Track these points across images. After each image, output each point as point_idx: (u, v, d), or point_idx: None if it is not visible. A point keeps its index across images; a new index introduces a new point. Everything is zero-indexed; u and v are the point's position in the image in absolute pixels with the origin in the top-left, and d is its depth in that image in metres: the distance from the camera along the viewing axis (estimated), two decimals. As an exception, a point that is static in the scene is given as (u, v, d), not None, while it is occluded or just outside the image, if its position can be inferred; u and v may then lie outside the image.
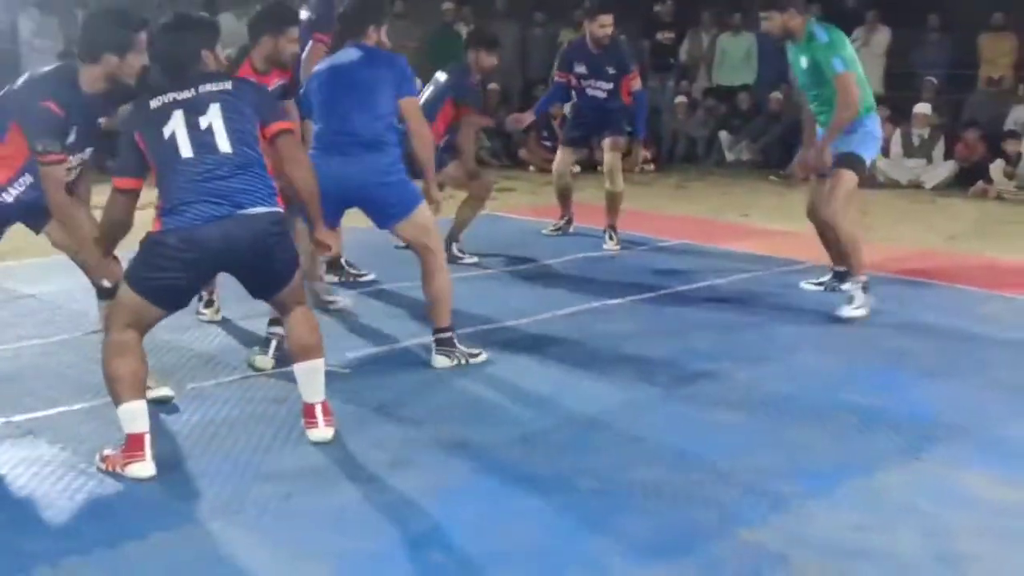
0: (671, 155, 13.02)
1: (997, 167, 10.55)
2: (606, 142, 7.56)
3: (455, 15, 13.33)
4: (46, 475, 3.58)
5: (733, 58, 13.43)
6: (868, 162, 5.75)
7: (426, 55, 13.06)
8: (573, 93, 7.73)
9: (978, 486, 3.56)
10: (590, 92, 7.53)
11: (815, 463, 3.74)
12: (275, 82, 5.23)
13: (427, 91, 6.62)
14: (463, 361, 4.76)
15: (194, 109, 3.59)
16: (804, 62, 5.62)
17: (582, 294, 6.13)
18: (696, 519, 3.29)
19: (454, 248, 6.83)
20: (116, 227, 3.79)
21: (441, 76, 6.69)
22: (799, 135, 11.84)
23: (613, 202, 7.58)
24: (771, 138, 12.40)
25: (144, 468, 3.53)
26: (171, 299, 3.64)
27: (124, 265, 3.90)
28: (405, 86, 4.78)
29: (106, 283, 4.16)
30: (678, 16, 13.96)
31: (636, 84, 7.51)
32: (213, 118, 3.59)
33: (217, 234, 3.52)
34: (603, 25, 7.34)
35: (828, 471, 3.66)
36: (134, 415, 3.55)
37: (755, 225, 8.65)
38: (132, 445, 3.54)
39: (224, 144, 3.58)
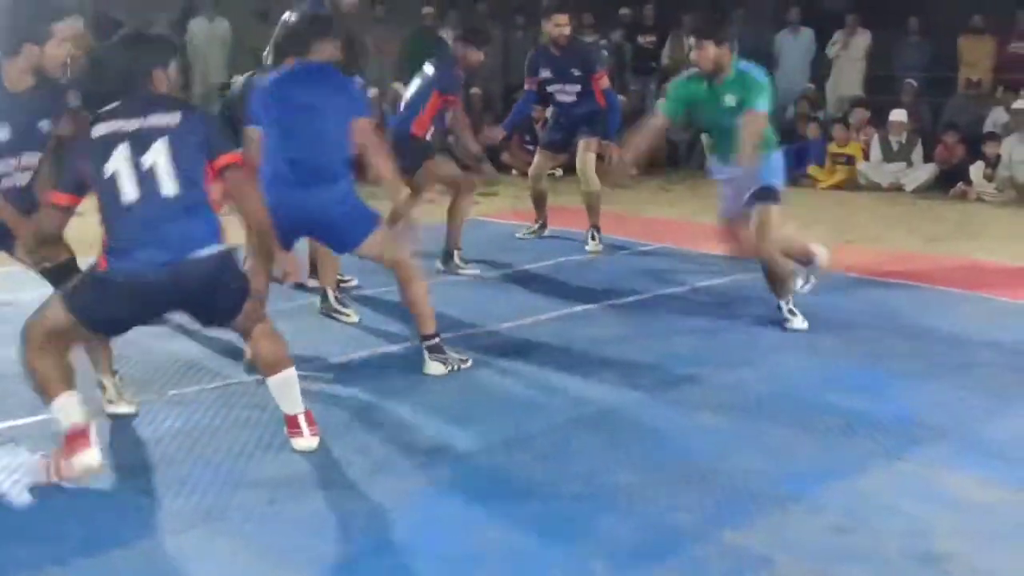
0: (652, 158, 13.01)
1: (977, 169, 10.61)
2: (580, 143, 7.51)
3: (435, 19, 13.31)
4: (27, 482, 3.54)
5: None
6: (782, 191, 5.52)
7: (405, 58, 13.06)
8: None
9: (960, 487, 3.58)
10: (559, 97, 7.49)
11: (798, 465, 3.75)
12: None
13: (414, 84, 6.65)
14: (455, 367, 4.74)
15: (139, 144, 3.48)
16: (731, 99, 5.34)
17: (564, 298, 6.13)
18: (679, 522, 3.30)
19: (456, 257, 6.77)
20: (45, 238, 3.73)
21: (428, 69, 6.68)
22: (779, 138, 12.03)
23: (590, 202, 7.56)
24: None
25: (90, 455, 3.46)
26: (109, 329, 3.62)
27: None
28: (355, 107, 4.62)
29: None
30: (659, 20, 13.99)
31: (604, 83, 7.41)
32: (158, 156, 3.48)
33: (165, 280, 3.46)
34: (559, 24, 7.26)
35: (811, 473, 3.67)
36: (69, 408, 3.50)
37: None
38: (73, 438, 3.47)
39: (169, 186, 3.48)
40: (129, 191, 3.47)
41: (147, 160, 3.48)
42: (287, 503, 3.42)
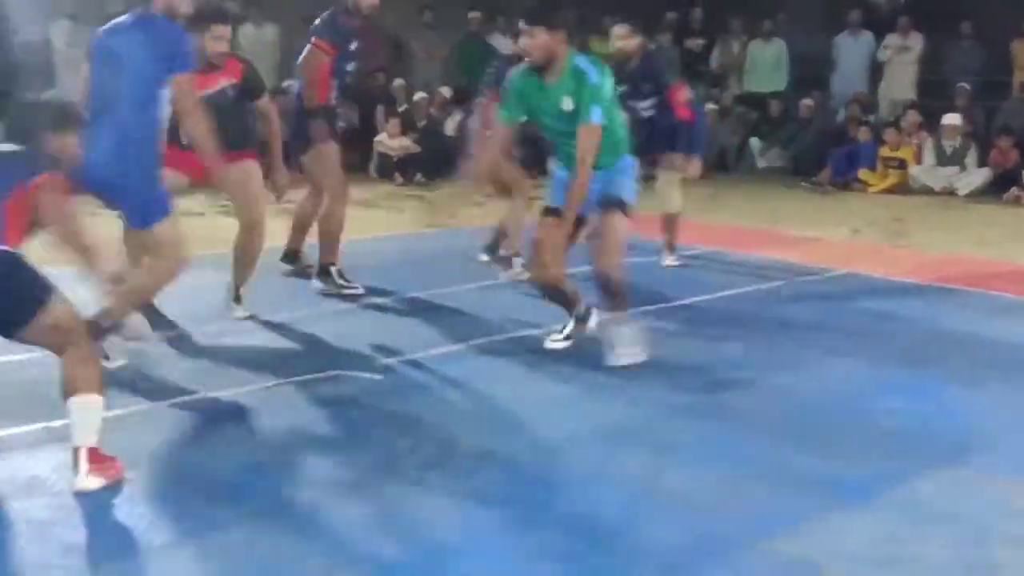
0: (702, 162, 12.95)
1: (1031, 174, 10.47)
2: (663, 161, 7.09)
3: (482, 24, 13.32)
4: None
5: (763, 65, 13.40)
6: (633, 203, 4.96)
7: (454, 65, 13.13)
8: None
9: (1011, 494, 3.53)
10: (640, 112, 6.93)
11: (849, 472, 3.71)
12: (220, 81, 5.43)
13: None
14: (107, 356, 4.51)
15: None
16: (568, 103, 4.72)
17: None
18: (727, 528, 3.28)
19: (516, 264, 6.54)
20: None
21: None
22: (830, 142, 11.95)
23: (670, 222, 7.24)
24: (802, 145, 12.36)
25: None
26: None
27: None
28: (178, 60, 4.32)
29: None
30: (707, 23, 13.95)
31: (683, 96, 7.01)
32: None
33: None
34: (618, 37, 6.88)
35: (863, 480, 3.64)
36: None
37: (786, 232, 8.62)
38: None
39: None
40: None
41: None
42: (338, 504, 3.43)
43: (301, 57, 6.01)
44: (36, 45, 10.89)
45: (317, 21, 6.06)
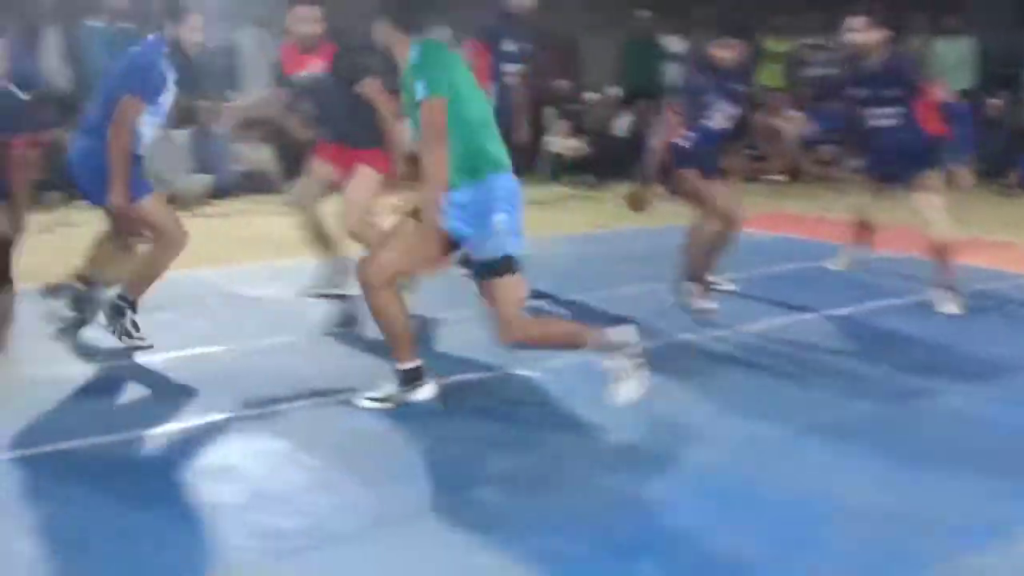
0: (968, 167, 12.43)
1: None
2: (913, 182, 5.96)
3: (651, 23, 13.07)
4: (275, 463, 3.70)
5: (948, 62, 12.83)
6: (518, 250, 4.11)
7: (623, 68, 12.98)
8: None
9: None
10: (874, 122, 5.92)
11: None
12: (316, 64, 5.46)
13: None
14: (120, 335, 4.91)
15: None
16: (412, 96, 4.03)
17: (792, 306, 5.95)
18: (908, 543, 3.13)
19: (697, 293, 5.82)
20: None
21: None
22: (1020, 142, 11.34)
23: (933, 252, 6.01)
24: (990, 145, 11.78)
25: None
26: None
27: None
28: (128, 81, 4.77)
29: None
30: (888, 19, 13.44)
31: (938, 97, 5.90)
32: None
33: None
34: (853, 30, 6.10)
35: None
36: None
37: (974, 236, 8.20)
38: None
39: None
40: None
41: None
42: (509, 500, 3.43)
43: None
44: (221, 50, 11.31)
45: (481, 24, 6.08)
